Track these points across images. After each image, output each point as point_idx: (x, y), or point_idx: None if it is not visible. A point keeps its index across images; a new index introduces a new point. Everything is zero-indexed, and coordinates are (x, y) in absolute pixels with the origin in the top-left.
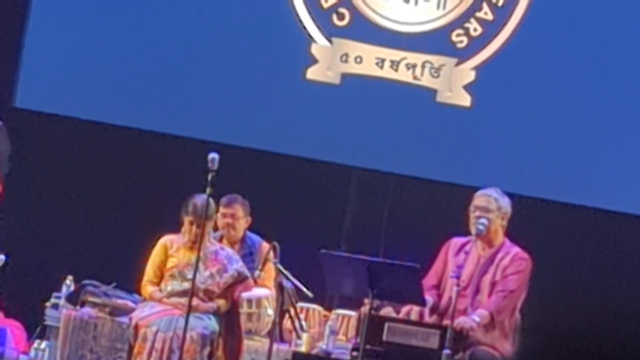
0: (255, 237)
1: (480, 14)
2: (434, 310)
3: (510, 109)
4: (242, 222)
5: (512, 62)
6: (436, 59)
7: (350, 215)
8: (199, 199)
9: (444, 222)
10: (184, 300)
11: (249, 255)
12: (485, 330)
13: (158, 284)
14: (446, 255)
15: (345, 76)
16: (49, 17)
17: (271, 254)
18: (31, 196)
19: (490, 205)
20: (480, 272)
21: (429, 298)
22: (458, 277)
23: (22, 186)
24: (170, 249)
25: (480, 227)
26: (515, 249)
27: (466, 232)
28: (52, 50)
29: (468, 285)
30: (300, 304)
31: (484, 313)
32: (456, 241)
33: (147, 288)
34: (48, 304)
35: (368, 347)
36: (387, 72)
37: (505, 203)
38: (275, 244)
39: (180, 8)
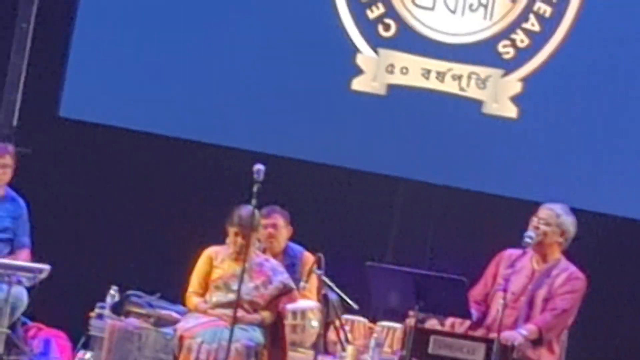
0: (297, 248)
1: (527, 25)
2: (477, 325)
3: (557, 121)
4: (284, 232)
5: (559, 74)
6: (482, 70)
7: (396, 226)
8: (244, 210)
9: (490, 235)
10: (228, 312)
11: (291, 267)
12: (532, 346)
13: (203, 295)
14: (497, 267)
15: (391, 87)
16: (94, 27)
17: (316, 265)
18: (75, 206)
19: (551, 219)
20: (535, 286)
21: (474, 312)
22: (505, 291)
23: (66, 196)
24: (215, 260)
25: (527, 239)
26: (572, 268)
27: (514, 244)
28: (97, 60)
29: (519, 298)
30: (345, 316)
31: (533, 328)
32: (510, 253)
33: (192, 299)
34: (92, 314)
35: (413, 359)
36: (433, 83)
37: (567, 221)
38: (320, 255)
39: (226, 20)
